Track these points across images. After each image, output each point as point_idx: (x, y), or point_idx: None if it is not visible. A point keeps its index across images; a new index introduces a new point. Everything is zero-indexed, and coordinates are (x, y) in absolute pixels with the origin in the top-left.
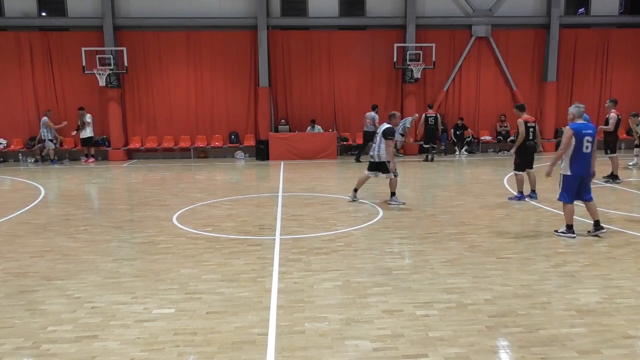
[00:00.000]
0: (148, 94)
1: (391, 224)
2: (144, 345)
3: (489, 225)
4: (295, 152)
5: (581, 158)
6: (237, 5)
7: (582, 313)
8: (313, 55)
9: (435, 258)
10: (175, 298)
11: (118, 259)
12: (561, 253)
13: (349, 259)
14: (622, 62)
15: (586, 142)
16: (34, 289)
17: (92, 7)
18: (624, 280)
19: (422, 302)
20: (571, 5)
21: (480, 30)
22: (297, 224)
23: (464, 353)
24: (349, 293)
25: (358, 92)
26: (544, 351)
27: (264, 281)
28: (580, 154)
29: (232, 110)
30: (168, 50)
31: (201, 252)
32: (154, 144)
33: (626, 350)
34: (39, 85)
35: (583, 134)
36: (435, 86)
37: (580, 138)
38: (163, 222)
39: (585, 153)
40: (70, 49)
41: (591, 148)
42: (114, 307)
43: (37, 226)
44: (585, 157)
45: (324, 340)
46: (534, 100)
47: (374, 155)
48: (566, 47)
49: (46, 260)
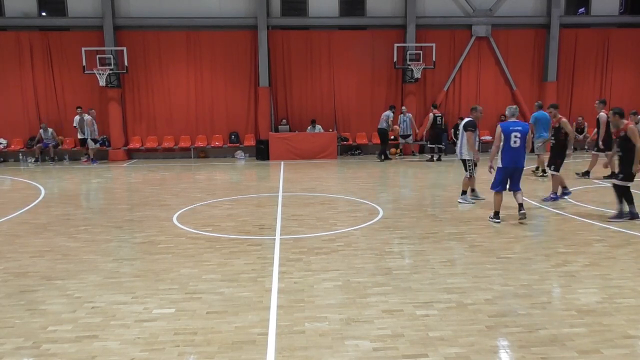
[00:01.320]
0: (148, 94)
1: (391, 224)
2: (144, 345)
3: (489, 225)
4: (295, 152)
5: (510, 152)
6: (237, 5)
7: (582, 313)
8: (313, 55)
9: (436, 258)
10: (176, 298)
11: (118, 259)
12: (561, 253)
13: (349, 258)
14: (622, 62)
15: (514, 137)
16: (34, 288)
17: (92, 7)
18: (624, 280)
19: (422, 302)
20: (571, 5)
21: (480, 30)
22: (297, 223)
23: (464, 353)
24: (349, 293)
25: (358, 92)
26: (544, 351)
27: (264, 281)
28: (509, 148)
29: (232, 110)
30: (168, 50)
31: (201, 252)
32: (154, 144)
33: (626, 350)
34: (39, 85)
35: (511, 131)
36: (435, 86)
37: (508, 134)
38: (163, 222)
39: (513, 147)
40: (71, 48)
41: (520, 143)
42: (114, 307)
43: (37, 226)
44: (513, 151)
45: (324, 340)
46: (534, 100)
47: (456, 152)
48: (566, 47)
49: (46, 260)
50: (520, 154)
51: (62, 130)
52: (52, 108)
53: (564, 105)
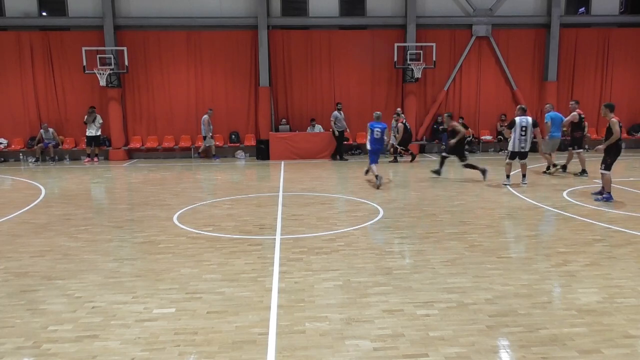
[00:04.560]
0: (149, 94)
1: (391, 224)
2: (145, 344)
3: (489, 224)
4: (295, 151)
5: (373, 141)
6: (238, 5)
7: (582, 312)
8: (313, 55)
9: (436, 258)
10: (176, 298)
11: (119, 259)
12: (562, 252)
13: (349, 258)
14: (622, 61)
15: (376, 132)
16: (35, 288)
17: (92, 7)
18: (624, 279)
19: (422, 302)
20: (571, 4)
21: (480, 30)
22: (298, 223)
23: (465, 353)
24: (350, 293)
25: (358, 92)
26: (545, 351)
27: (265, 281)
28: (373, 138)
29: (233, 110)
30: (168, 50)
31: (202, 252)
32: (155, 144)
33: (627, 350)
34: (40, 85)
35: (374, 128)
36: (435, 86)
37: (372, 130)
38: (163, 221)
39: (375, 138)
40: (71, 48)
41: (380, 135)
42: (114, 306)
43: (37, 226)
44: (375, 140)
45: (324, 339)
46: (534, 99)
47: (524, 146)
48: (567, 46)
49: (47, 260)
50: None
51: (62, 130)
52: (53, 108)
53: (564, 104)
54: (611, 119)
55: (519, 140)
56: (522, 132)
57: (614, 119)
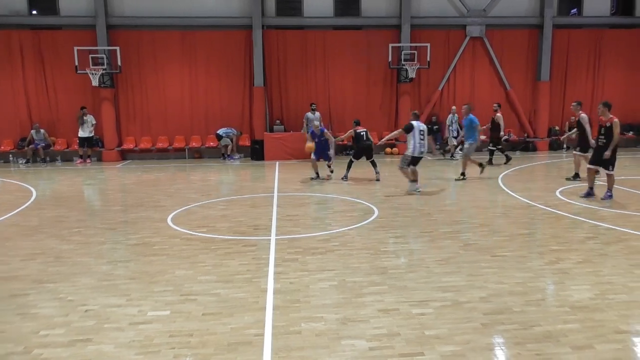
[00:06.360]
0: (142, 94)
1: (386, 223)
2: (139, 348)
3: (483, 223)
4: (290, 152)
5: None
6: (232, 5)
7: (575, 309)
8: (308, 55)
9: (431, 257)
10: (171, 300)
11: (112, 261)
12: (555, 250)
13: (344, 258)
14: (614, 61)
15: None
16: (25, 292)
17: (84, 6)
18: (615, 276)
19: (417, 301)
20: (564, 5)
21: (474, 30)
22: (293, 224)
23: (460, 351)
24: (345, 293)
25: (353, 92)
26: (539, 347)
27: (260, 282)
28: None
29: (227, 110)
30: (162, 50)
31: (196, 253)
32: (148, 145)
33: (618, 345)
34: (30, 85)
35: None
36: (430, 86)
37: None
38: (158, 223)
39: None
40: (63, 48)
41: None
42: (108, 309)
43: (28, 228)
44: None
45: (320, 340)
46: (527, 99)
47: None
48: (559, 47)
49: (38, 263)
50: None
51: (54, 131)
52: (44, 108)
53: (557, 104)
54: (614, 119)
55: (419, 144)
56: (420, 136)
57: (616, 120)
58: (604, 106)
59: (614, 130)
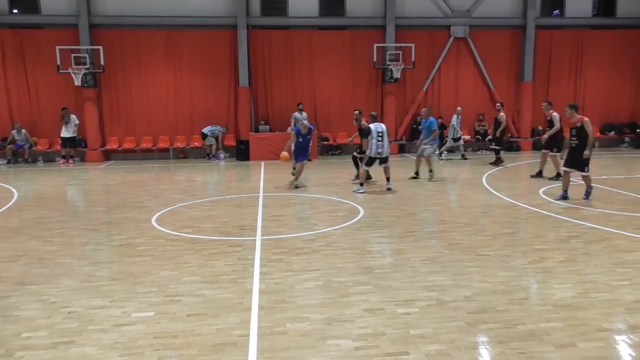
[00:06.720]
0: (126, 94)
1: (372, 223)
2: (123, 349)
3: (468, 223)
4: (276, 152)
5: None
6: (217, 4)
7: (558, 308)
8: (293, 55)
9: (416, 256)
10: (155, 301)
11: (95, 262)
12: (538, 249)
13: (330, 258)
14: (595, 62)
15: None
16: (7, 294)
17: (66, 4)
18: (598, 275)
19: (402, 300)
20: (546, 6)
21: (458, 31)
22: (278, 224)
23: (445, 350)
24: (330, 292)
25: (339, 92)
26: (523, 346)
27: (245, 282)
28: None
29: (212, 110)
30: (146, 49)
31: (181, 254)
32: (132, 145)
33: (601, 343)
34: (12, 84)
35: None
36: (414, 86)
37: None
38: (142, 224)
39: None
40: (44, 47)
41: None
42: (91, 311)
43: (9, 230)
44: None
45: (305, 340)
46: (511, 99)
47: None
48: (542, 47)
49: (20, 265)
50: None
51: (36, 131)
52: (25, 108)
53: (540, 105)
54: (583, 118)
55: (376, 146)
56: (378, 138)
57: (586, 119)
58: (570, 108)
59: (587, 128)
